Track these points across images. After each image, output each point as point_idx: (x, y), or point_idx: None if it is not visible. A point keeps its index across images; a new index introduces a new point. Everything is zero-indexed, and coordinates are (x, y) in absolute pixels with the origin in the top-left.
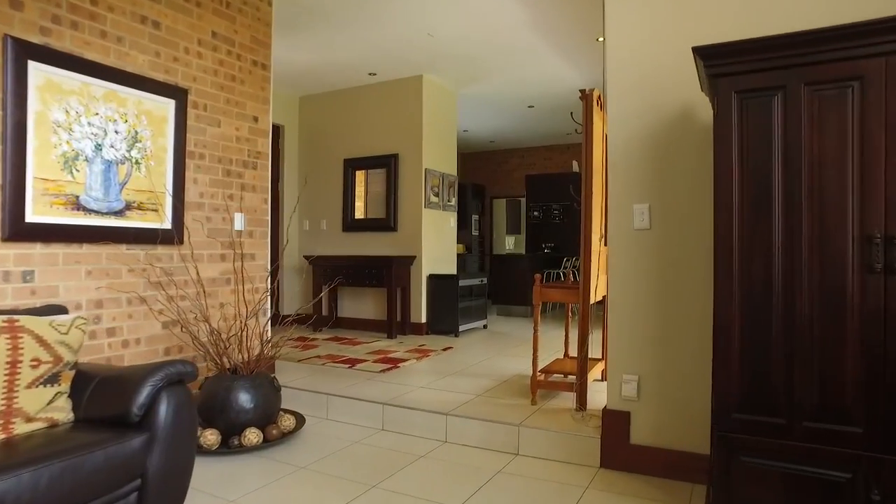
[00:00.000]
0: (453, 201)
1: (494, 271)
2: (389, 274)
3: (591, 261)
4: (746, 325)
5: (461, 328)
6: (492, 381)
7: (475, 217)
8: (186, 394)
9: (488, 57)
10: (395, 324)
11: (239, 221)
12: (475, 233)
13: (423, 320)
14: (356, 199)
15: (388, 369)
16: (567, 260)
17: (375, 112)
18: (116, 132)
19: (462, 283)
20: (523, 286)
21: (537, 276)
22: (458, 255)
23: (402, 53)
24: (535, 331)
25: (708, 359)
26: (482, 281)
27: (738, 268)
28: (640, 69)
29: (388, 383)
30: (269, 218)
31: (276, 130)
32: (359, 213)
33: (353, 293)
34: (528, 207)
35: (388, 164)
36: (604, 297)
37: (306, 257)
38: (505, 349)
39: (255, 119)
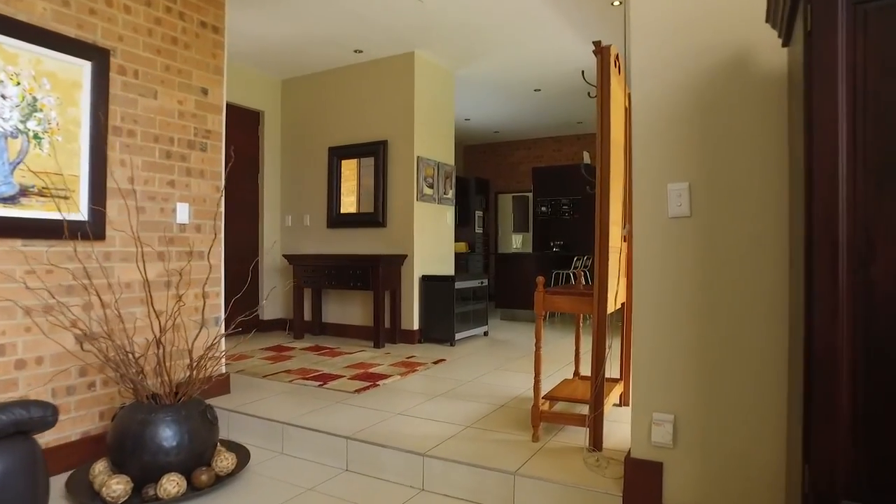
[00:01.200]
0: (450, 194)
1: (498, 272)
2: (376, 275)
3: (607, 260)
4: (863, 359)
5: (458, 336)
6: (487, 406)
7: (479, 213)
8: (29, 451)
9: (487, 28)
10: (383, 331)
11: (183, 213)
12: (479, 230)
13: (416, 327)
14: (342, 192)
15: (366, 388)
16: (578, 259)
17: (362, 94)
18: (3, 97)
19: (459, 285)
20: (529, 288)
21: (540, 279)
22: (461, 255)
23: (391, 24)
24: (538, 348)
25: (777, 397)
26: (482, 283)
27: (847, 270)
28: (674, 3)
29: (362, 407)
30: (223, 209)
31: (256, 117)
32: (345, 208)
33: (338, 296)
34: (535, 203)
35: (376, 151)
36: (623, 304)
37: (286, 256)
38: (506, 362)
39: (205, 91)
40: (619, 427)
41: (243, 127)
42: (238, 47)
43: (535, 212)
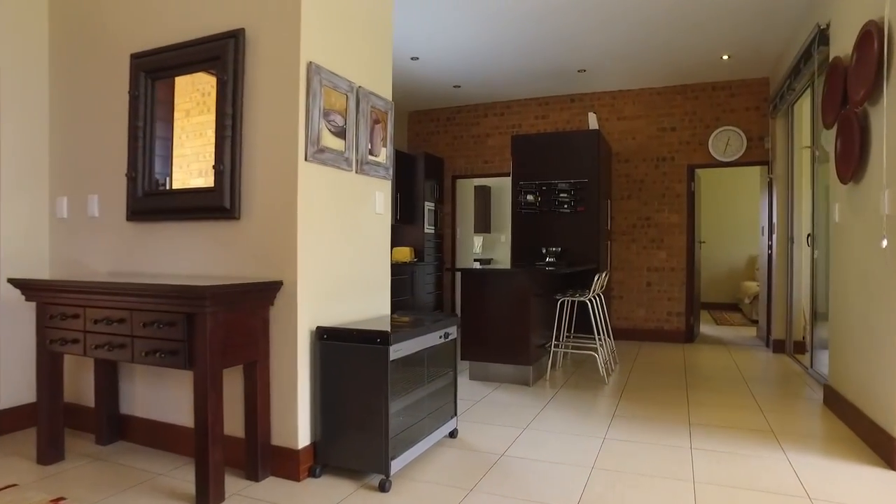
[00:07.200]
0: (383, 155)
1: (464, 298)
2: (201, 330)
3: None
4: None
5: (397, 463)
6: None
7: (430, 206)
8: None
9: None
10: (218, 459)
11: None
12: (429, 229)
13: (303, 442)
14: (155, 147)
15: None
16: (597, 277)
17: None
18: None
19: (400, 350)
20: (513, 327)
21: None
22: (402, 266)
23: None
24: None
25: None
26: (446, 335)
27: None
28: None
29: None
30: None
31: None
32: (167, 181)
33: (147, 368)
34: (515, 189)
35: (220, 55)
36: None
37: (15, 282)
38: None
39: None
40: None
41: None
42: None
43: (516, 202)
